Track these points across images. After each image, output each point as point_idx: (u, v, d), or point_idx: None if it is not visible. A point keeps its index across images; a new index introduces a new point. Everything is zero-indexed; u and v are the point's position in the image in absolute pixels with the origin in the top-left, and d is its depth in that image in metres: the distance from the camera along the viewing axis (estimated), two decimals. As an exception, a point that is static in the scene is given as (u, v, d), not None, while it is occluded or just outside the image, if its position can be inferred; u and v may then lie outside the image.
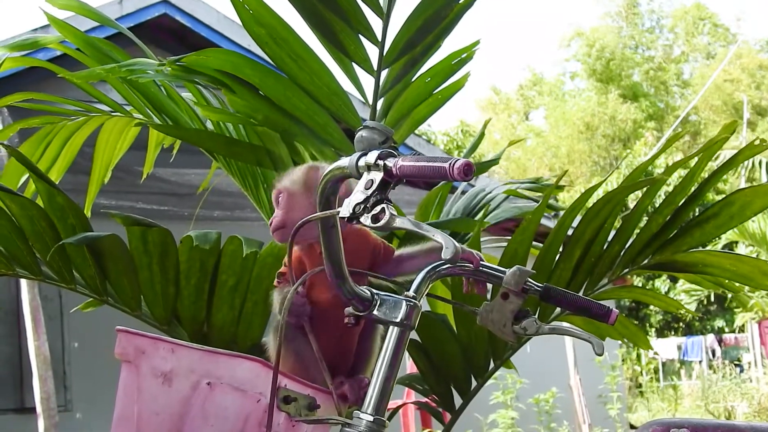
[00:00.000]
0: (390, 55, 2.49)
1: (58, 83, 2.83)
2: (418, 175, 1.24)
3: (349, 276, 1.42)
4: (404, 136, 2.65)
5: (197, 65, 2.40)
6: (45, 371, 5.05)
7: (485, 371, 2.57)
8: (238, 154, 2.64)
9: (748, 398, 12.67)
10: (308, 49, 2.43)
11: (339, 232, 1.39)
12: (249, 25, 2.37)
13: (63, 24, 2.60)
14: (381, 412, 1.40)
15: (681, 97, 36.83)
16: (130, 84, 2.58)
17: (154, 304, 2.36)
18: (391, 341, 1.42)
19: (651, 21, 39.15)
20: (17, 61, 2.94)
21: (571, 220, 2.40)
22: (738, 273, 2.44)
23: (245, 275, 2.32)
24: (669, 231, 2.40)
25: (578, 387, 9.29)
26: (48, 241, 2.23)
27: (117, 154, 2.91)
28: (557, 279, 2.42)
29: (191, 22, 7.17)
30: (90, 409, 6.72)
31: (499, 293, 1.67)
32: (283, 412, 1.62)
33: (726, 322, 22.97)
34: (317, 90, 2.47)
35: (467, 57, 2.55)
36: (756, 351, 17.58)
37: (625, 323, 2.75)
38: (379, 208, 1.26)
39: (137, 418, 1.65)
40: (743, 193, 2.34)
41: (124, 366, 1.67)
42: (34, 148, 2.75)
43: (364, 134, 1.32)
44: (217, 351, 1.68)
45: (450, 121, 48.06)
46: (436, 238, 1.27)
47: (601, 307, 1.69)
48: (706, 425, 1.51)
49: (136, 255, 2.27)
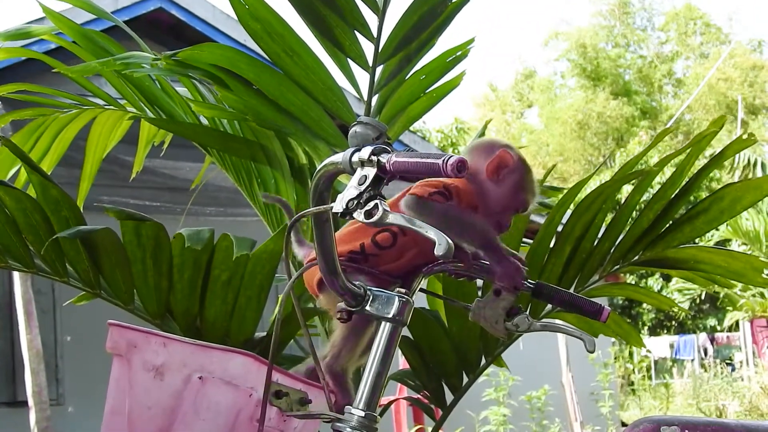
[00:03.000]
0: (385, 52, 2.50)
1: (53, 77, 2.82)
2: (412, 171, 1.25)
3: (341, 271, 1.42)
4: (399, 133, 2.66)
5: (192, 60, 2.40)
6: (37, 365, 5.04)
7: (477, 367, 2.57)
8: (233, 148, 2.64)
9: (739, 397, 12.69)
10: (303, 45, 2.43)
11: (332, 228, 1.39)
12: (244, 20, 2.37)
13: (58, 16, 2.59)
14: (372, 407, 1.40)
15: (674, 97, 36.85)
16: (125, 78, 2.58)
17: (147, 298, 2.35)
18: (383, 337, 1.42)
19: (643, 21, 39.19)
20: (11, 52, 2.94)
21: (561, 215, 2.40)
22: (730, 269, 2.45)
23: (239, 270, 2.32)
24: (659, 226, 2.41)
25: (570, 384, 9.30)
26: (41, 233, 2.23)
27: (109, 147, 2.90)
28: (548, 275, 2.42)
29: (187, 17, 7.16)
30: (82, 402, 6.72)
31: (491, 290, 1.67)
32: (275, 406, 1.63)
33: (718, 321, 23.03)
34: (312, 85, 2.47)
35: (462, 55, 2.55)
36: (748, 350, 17.62)
37: (617, 321, 2.75)
38: (372, 204, 1.27)
39: (129, 411, 1.65)
40: (733, 187, 2.33)
41: (115, 360, 1.67)
42: (25, 140, 2.74)
43: (358, 130, 1.32)
44: (209, 345, 1.69)
45: (445, 118, 48.09)
46: (428, 234, 1.28)
47: (592, 304, 1.70)
48: (696, 423, 1.52)
49: (129, 249, 2.27)
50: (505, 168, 1.73)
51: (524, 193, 1.75)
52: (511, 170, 1.73)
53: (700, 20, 37.71)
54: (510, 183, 1.73)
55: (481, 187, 1.73)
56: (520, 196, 1.75)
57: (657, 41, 38.66)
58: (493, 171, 1.72)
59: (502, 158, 1.72)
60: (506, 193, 1.73)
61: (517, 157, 1.74)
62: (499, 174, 1.73)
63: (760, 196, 2.32)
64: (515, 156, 1.73)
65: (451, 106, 47.35)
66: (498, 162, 1.72)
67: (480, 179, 1.73)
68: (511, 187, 1.74)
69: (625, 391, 17.38)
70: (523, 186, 1.75)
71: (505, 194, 1.73)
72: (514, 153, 1.74)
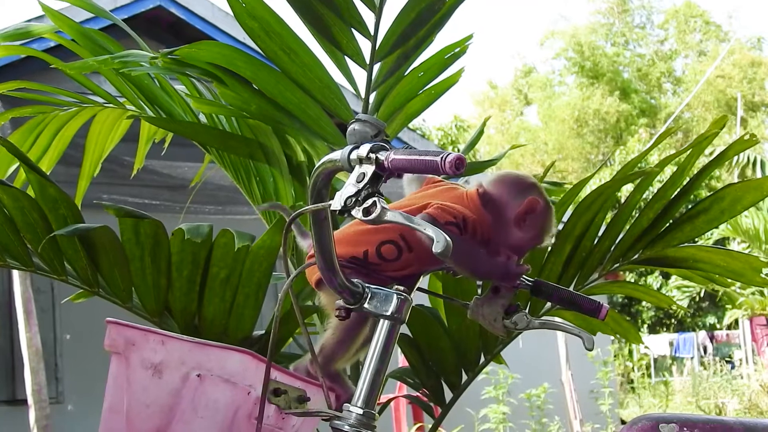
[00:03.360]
0: (383, 49, 2.49)
1: (53, 75, 2.82)
2: (410, 168, 1.25)
3: (339, 269, 1.42)
4: (397, 130, 2.66)
5: (190, 58, 2.40)
6: (37, 363, 5.04)
7: (476, 365, 2.57)
8: (232, 147, 2.64)
9: (738, 395, 12.69)
10: (301, 43, 2.42)
11: (330, 225, 1.39)
12: (242, 18, 2.37)
13: (57, 14, 2.59)
14: (371, 405, 1.40)
15: (674, 94, 36.86)
16: (124, 76, 2.58)
17: (146, 295, 2.35)
18: (382, 334, 1.42)
19: (642, 18, 39.18)
20: (10, 50, 2.94)
21: (561, 214, 2.40)
22: (729, 268, 2.45)
23: (237, 267, 2.32)
24: (660, 226, 2.41)
25: (570, 382, 9.30)
26: (39, 232, 2.23)
27: (108, 146, 2.90)
28: (548, 273, 2.42)
29: (186, 15, 7.16)
30: (81, 400, 6.73)
31: (490, 288, 1.68)
32: (273, 404, 1.63)
33: (717, 319, 23.03)
34: (310, 83, 2.47)
35: (460, 51, 2.55)
36: (747, 348, 17.62)
37: (616, 319, 2.75)
38: (371, 202, 1.27)
39: (127, 409, 1.65)
40: (734, 187, 2.34)
41: (114, 358, 1.67)
42: (24, 138, 2.74)
43: (357, 127, 1.32)
44: (207, 343, 1.69)
45: (444, 116, 48.08)
46: (427, 232, 1.28)
47: (591, 302, 1.70)
48: (695, 420, 1.52)
49: (127, 246, 2.26)
50: (532, 215, 1.73)
51: (545, 235, 1.77)
52: (536, 216, 1.74)
53: (699, 18, 37.72)
54: (533, 227, 1.75)
55: (504, 228, 1.74)
56: (540, 238, 1.77)
57: (656, 39, 38.68)
58: (521, 218, 1.73)
59: (531, 206, 1.72)
60: (528, 237, 1.75)
61: (544, 202, 1.75)
62: (525, 220, 1.73)
63: (760, 196, 2.33)
64: (542, 202, 1.74)
65: (451, 104, 47.34)
66: (526, 209, 1.72)
67: (504, 219, 1.74)
68: (533, 231, 1.75)
69: (624, 389, 17.38)
70: (545, 230, 1.77)
71: (527, 238, 1.75)
72: (543, 199, 1.75)
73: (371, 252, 1.73)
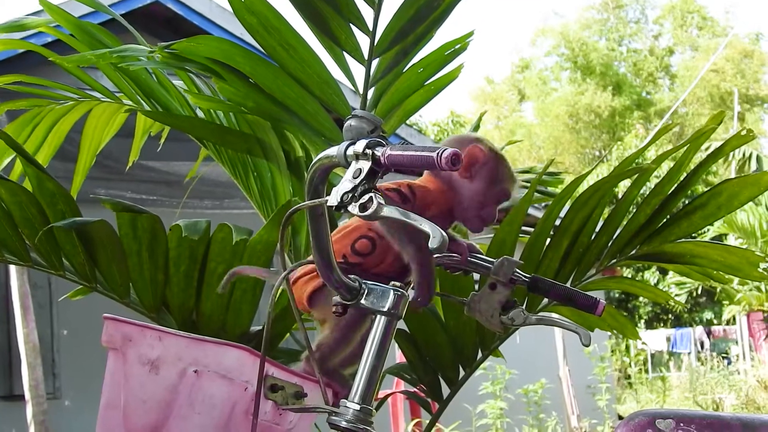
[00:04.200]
0: (381, 45, 2.49)
1: (50, 70, 2.82)
2: (407, 164, 1.24)
3: (336, 265, 1.42)
4: (395, 126, 2.65)
5: (188, 52, 2.40)
6: (34, 359, 5.04)
7: (473, 361, 2.57)
8: (229, 142, 2.63)
9: (735, 390, 12.72)
10: (299, 38, 2.42)
11: (327, 221, 1.39)
12: (240, 14, 2.36)
13: (56, 8, 2.59)
14: (368, 401, 1.40)
15: (670, 89, 36.83)
16: (122, 70, 2.57)
17: (143, 291, 2.35)
18: (379, 330, 1.42)
19: (636, 13, 39.15)
20: (8, 44, 2.93)
21: (559, 209, 2.40)
22: (726, 264, 2.45)
23: (235, 263, 2.32)
24: (657, 221, 2.41)
25: (567, 378, 9.32)
26: (37, 226, 2.22)
27: (104, 140, 2.90)
28: (545, 269, 2.42)
29: (183, 10, 7.16)
30: (78, 396, 6.73)
31: (487, 284, 1.68)
32: (270, 400, 1.63)
33: (715, 315, 23.06)
34: (308, 79, 2.46)
35: (461, 48, 2.54)
36: (744, 343, 17.65)
37: (613, 314, 2.75)
38: (367, 197, 1.26)
39: (124, 405, 1.65)
40: (731, 183, 2.34)
41: (111, 353, 1.67)
42: (20, 131, 2.73)
43: (353, 123, 1.32)
44: (204, 339, 1.68)
45: (441, 111, 48.05)
46: (423, 227, 1.27)
47: (588, 298, 1.70)
48: (691, 416, 1.52)
49: (125, 241, 2.26)
50: (475, 164, 1.72)
51: (501, 183, 1.74)
52: (482, 164, 1.72)
53: (696, 13, 37.70)
54: (484, 177, 1.72)
55: (454, 186, 1.73)
56: (497, 187, 1.74)
57: (650, 34, 38.65)
58: (465, 169, 1.71)
59: (471, 155, 1.71)
60: (482, 188, 1.73)
61: (487, 149, 1.72)
62: (470, 171, 1.72)
63: (757, 192, 2.33)
64: (485, 149, 1.72)
65: (448, 99, 47.34)
66: (467, 159, 1.70)
67: (452, 178, 1.72)
68: (485, 181, 1.73)
69: (621, 384, 17.40)
70: (498, 177, 1.74)
71: (481, 189, 1.73)
72: (484, 146, 1.72)
73: (348, 252, 1.74)
